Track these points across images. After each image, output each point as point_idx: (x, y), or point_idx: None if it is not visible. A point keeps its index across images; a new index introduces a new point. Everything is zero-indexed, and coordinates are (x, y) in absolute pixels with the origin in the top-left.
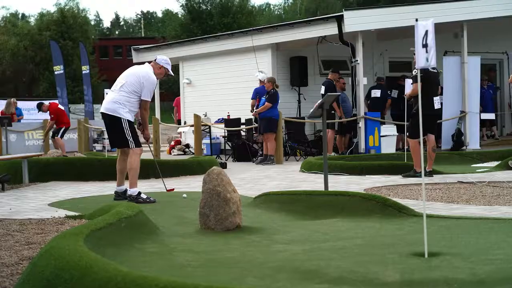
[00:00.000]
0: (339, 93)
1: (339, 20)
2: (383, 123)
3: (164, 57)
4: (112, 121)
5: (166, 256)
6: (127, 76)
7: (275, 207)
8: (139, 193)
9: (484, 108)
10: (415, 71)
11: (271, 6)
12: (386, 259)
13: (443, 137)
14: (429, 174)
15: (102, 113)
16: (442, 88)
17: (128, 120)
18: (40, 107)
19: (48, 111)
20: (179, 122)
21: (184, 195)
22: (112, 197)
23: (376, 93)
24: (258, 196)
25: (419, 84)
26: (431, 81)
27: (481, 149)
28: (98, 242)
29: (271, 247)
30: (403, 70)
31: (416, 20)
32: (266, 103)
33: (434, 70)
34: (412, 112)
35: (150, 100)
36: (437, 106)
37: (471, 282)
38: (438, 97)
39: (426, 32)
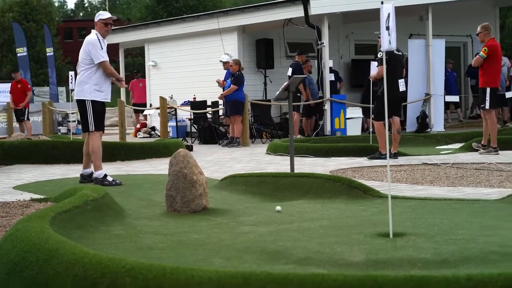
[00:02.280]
0: (305, 75)
1: (305, 2)
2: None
3: (98, 13)
4: (80, 105)
5: (132, 238)
6: (79, 54)
7: (241, 189)
8: (105, 175)
9: (448, 91)
10: (380, 54)
11: None
12: (352, 239)
13: (408, 120)
14: (394, 156)
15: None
16: (407, 70)
17: (92, 101)
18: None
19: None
20: (134, 106)
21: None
22: (77, 180)
23: (331, 76)
24: (224, 178)
25: (384, 66)
26: (396, 64)
27: (446, 131)
28: (64, 224)
29: (238, 228)
30: (369, 53)
31: (382, 2)
32: (231, 85)
33: (399, 53)
34: (377, 95)
35: (103, 59)
36: (402, 88)
37: (435, 261)
38: (402, 80)
39: (389, 14)
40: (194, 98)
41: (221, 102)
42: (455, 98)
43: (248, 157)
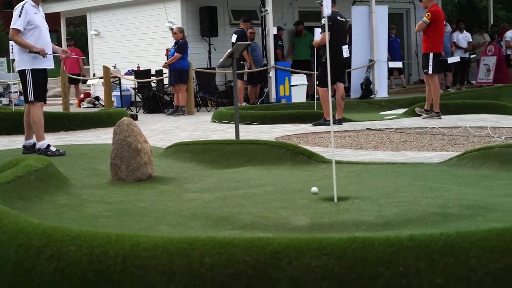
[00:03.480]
0: (249, 42)
1: None
2: (294, 72)
3: None
4: (20, 75)
5: (77, 208)
6: None
7: (186, 157)
8: (48, 145)
9: (392, 57)
10: (323, 20)
11: None
12: (297, 204)
13: (352, 86)
14: (339, 122)
15: None
16: (350, 37)
17: (31, 70)
18: None
19: None
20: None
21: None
22: (20, 151)
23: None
24: (169, 146)
25: (327, 33)
26: (339, 30)
27: (389, 97)
28: (7, 195)
29: (183, 196)
30: (313, 20)
31: None
32: (175, 53)
33: (342, 19)
34: (321, 61)
35: (14, 27)
36: (345, 54)
37: (379, 223)
38: (346, 46)
39: None
40: (138, 67)
41: (166, 71)
42: (398, 64)
43: (193, 126)
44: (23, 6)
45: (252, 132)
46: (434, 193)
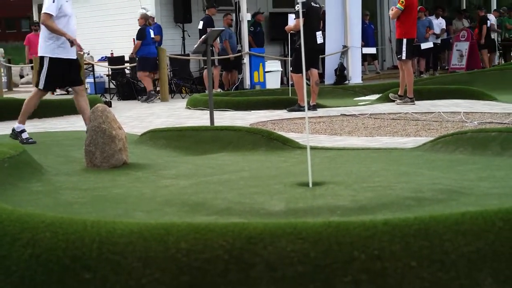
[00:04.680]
0: (223, 29)
1: None
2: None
3: None
4: (39, 60)
5: (52, 195)
6: None
7: (161, 144)
8: (23, 131)
9: (365, 43)
10: (297, 6)
11: None
12: (272, 189)
13: (326, 72)
14: (313, 108)
15: None
16: (324, 23)
17: (51, 58)
18: None
19: None
20: (30, 62)
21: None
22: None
23: (200, 24)
24: (144, 133)
25: (301, 19)
26: (313, 16)
27: (363, 83)
28: None
29: (158, 182)
30: (287, 6)
31: None
32: (136, 41)
33: (316, 5)
34: (295, 47)
35: (47, 11)
36: (319, 40)
37: (353, 208)
38: (320, 32)
39: None
40: (112, 53)
41: None
42: (372, 50)
43: (167, 112)
44: None
45: (227, 118)
46: (408, 178)
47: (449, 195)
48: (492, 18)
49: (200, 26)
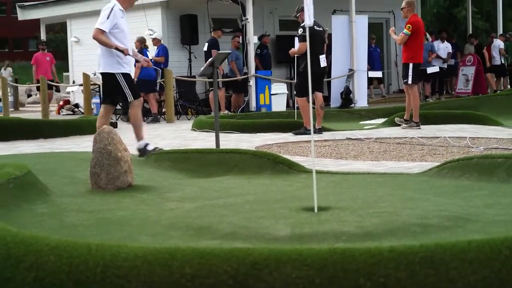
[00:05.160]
0: (229, 51)
1: None
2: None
3: None
4: (104, 78)
5: (56, 216)
6: None
7: (167, 166)
8: (146, 144)
9: (371, 66)
10: (301, 30)
11: None
12: (277, 214)
13: (332, 95)
14: (319, 131)
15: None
16: (328, 46)
17: (121, 73)
18: None
19: None
20: (38, 82)
21: None
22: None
23: (205, 46)
24: (149, 155)
25: (308, 42)
26: (317, 39)
27: (369, 106)
28: None
29: (164, 205)
30: (293, 29)
31: None
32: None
33: (320, 28)
34: (299, 71)
35: (99, 27)
36: (323, 64)
37: (359, 234)
38: (323, 55)
39: None
40: None
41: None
42: (378, 74)
43: (173, 134)
44: (112, 9)
45: (233, 141)
46: (414, 204)
47: (455, 222)
48: (500, 43)
49: (205, 48)
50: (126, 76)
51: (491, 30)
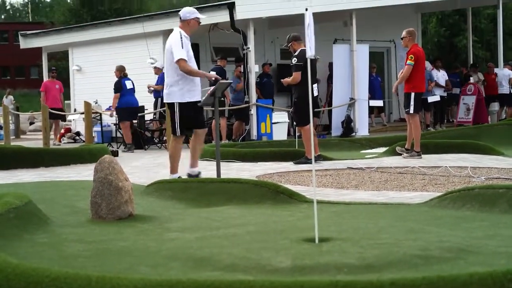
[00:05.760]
0: (231, 81)
1: (231, 7)
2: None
3: (185, 10)
4: (169, 108)
5: (57, 247)
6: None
7: (167, 195)
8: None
9: (372, 95)
10: (294, 60)
11: None
12: (278, 245)
13: (333, 124)
14: (318, 158)
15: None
16: (329, 75)
17: (180, 103)
18: None
19: None
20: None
21: None
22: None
23: (266, 80)
24: (150, 184)
25: (309, 72)
26: (312, 69)
27: (370, 135)
28: None
29: (164, 235)
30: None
31: (306, 9)
32: (114, 94)
33: (313, 58)
34: (294, 100)
35: (181, 57)
36: (315, 93)
37: (360, 266)
38: (316, 85)
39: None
40: None
41: (147, 107)
42: (379, 103)
43: None
44: (181, 37)
45: (234, 170)
46: (415, 235)
47: (457, 253)
48: (509, 72)
49: None
50: (187, 106)
51: (491, 59)
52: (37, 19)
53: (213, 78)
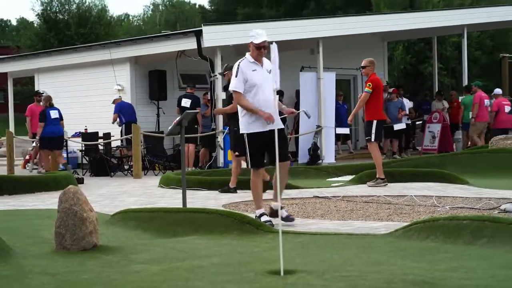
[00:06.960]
0: (197, 111)
1: (198, 35)
2: None
3: (251, 33)
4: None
5: (20, 280)
6: None
7: (133, 225)
8: (262, 214)
9: (339, 123)
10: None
11: (130, 17)
12: (243, 278)
13: (300, 151)
14: (234, 190)
15: None
16: (296, 103)
17: (247, 134)
18: None
19: None
20: (34, 136)
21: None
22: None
23: (187, 102)
24: (115, 213)
25: (276, 100)
26: (227, 101)
27: (336, 162)
28: None
29: (129, 267)
30: None
31: (271, 43)
32: (39, 123)
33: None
34: (234, 129)
35: (234, 89)
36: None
37: None
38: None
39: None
40: (86, 129)
41: (113, 133)
42: (345, 130)
43: (140, 190)
44: (238, 65)
45: (200, 198)
46: (380, 267)
47: (421, 286)
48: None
49: (188, 104)
50: (254, 137)
51: (456, 86)
52: (3, 42)
53: (271, 120)
